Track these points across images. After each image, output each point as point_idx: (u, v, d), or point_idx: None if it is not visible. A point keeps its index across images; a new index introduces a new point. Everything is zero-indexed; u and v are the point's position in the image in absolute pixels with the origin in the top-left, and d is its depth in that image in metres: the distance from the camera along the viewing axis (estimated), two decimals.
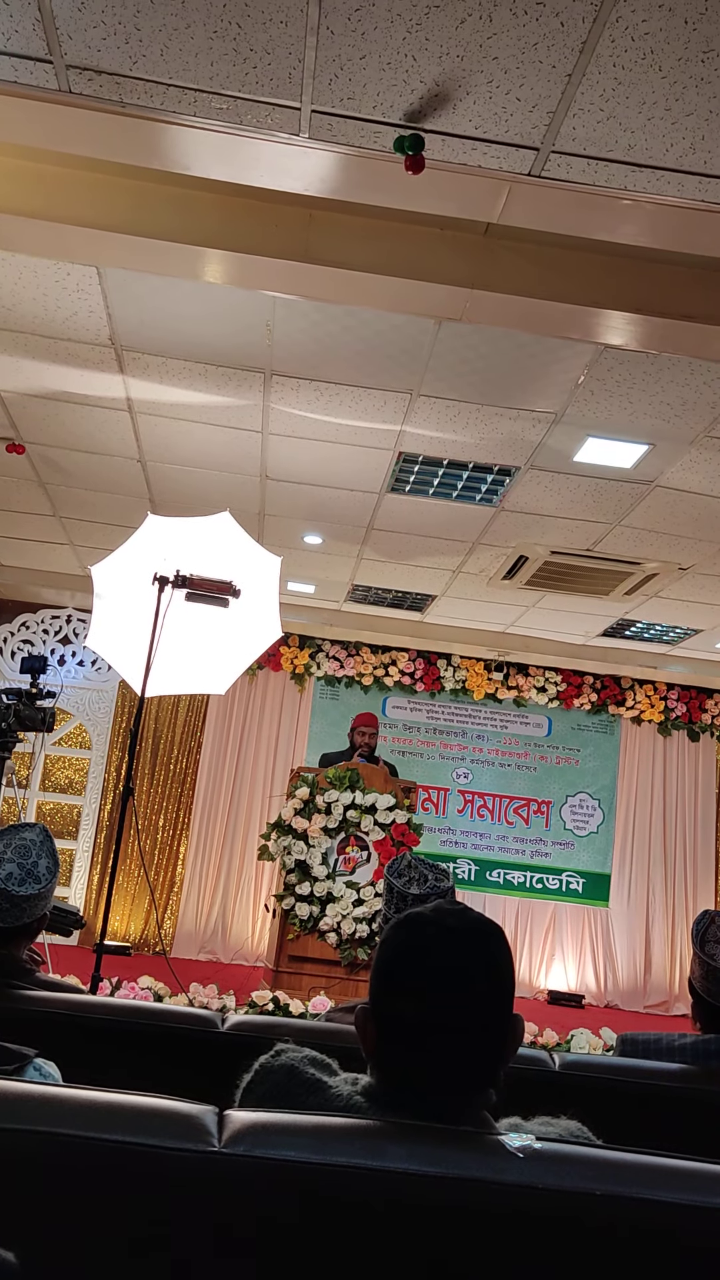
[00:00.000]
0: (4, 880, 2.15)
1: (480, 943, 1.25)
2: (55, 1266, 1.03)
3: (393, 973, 1.25)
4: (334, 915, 5.95)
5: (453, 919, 1.26)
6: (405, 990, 1.23)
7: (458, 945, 1.24)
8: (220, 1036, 2.14)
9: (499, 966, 1.25)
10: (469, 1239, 1.09)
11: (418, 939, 1.25)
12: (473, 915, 1.28)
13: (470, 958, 1.23)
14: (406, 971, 1.24)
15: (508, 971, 1.25)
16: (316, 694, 9.40)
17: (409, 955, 1.25)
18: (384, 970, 1.26)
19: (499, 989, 1.24)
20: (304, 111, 2.72)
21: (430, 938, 1.24)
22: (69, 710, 8.96)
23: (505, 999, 1.25)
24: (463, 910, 1.28)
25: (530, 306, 3.52)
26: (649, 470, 5.18)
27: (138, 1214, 1.06)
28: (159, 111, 2.77)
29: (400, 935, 1.27)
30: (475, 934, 1.25)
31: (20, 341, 4.55)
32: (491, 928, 1.27)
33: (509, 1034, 1.25)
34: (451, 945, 1.23)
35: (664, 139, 2.67)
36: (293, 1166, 1.08)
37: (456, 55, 2.49)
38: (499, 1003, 1.24)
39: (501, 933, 1.28)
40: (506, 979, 1.25)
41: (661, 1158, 1.19)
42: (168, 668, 4.55)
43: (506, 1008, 1.24)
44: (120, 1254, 1.05)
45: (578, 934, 9.21)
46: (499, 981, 1.24)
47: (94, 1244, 1.05)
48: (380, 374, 4.50)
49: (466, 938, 1.24)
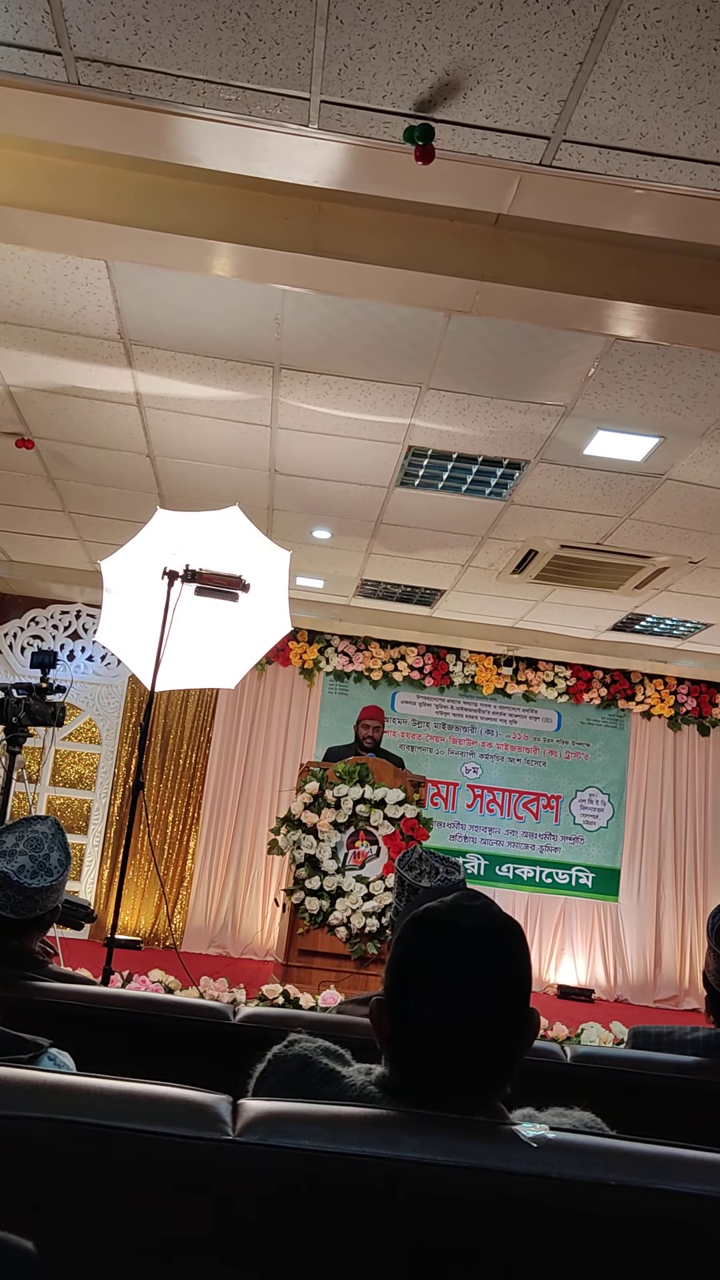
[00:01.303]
0: (16, 872, 2.16)
1: (497, 943, 1.22)
2: (71, 1254, 1.03)
3: (407, 972, 1.23)
4: (344, 909, 5.96)
5: (470, 918, 1.23)
6: (419, 991, 1.21)
7: (474, 947, 1.21)
8: (232, 1028, 2.14)
9: (516, 967, 1.22)
10: (483, 1228, 1.09)
11: (433, 939, 1.22)
12: (491, 913, 1.25)
13: (486, 960, 1.21)
14: (421, 972, 1.21)
15: (525, 971, 1.23)
16: (325, 689, 9.40)
17: (424, 956, 1.22)
18: (398, 969, 1.24)
19: (515, 989, 1.22)
20: (313, 102, 2.71)
21: (446, 938, 1.21)
22: (79, 705, 8.98)
23: (522, 999, 1.22)
24: (481, 907, 1.25)
25: (540, 298, 3.50)
26: (659, 463, 5.16)
27: (152, 1202, 1.06)
28: (168, 103, 2.76)
29: (416, 934, 1.24)
30: (492, 934, 1.22)
31: (29, 336, 4.55)
32: (509, 926, 1.24)
33: (525, 1031, 1.23)
34: (467, 947, 1.21)
35: (676, 127, 2.65)
36: (307, 1155, 1.08)
37: (467, 44, 2.47)
38: (515, 1003, 1.22)
39: (519, 931, 1.25)
40: (524, 979, 1.23)
41: (675, 1148, 1.19)
42: (177, 662, 4.56)
43: (523, 1007, 1.22)
44: (134, 1241, 1.05)
45: (587, 929, 9.20)
46: (515, 982, 1.22)
47: (109, 1231, 1.05)
48: (389, 367, 4.49)
49: (483, 938, 1.21)
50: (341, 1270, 1.07)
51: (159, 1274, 1.05)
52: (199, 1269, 1.05)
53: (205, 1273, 1.05)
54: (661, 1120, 2.02)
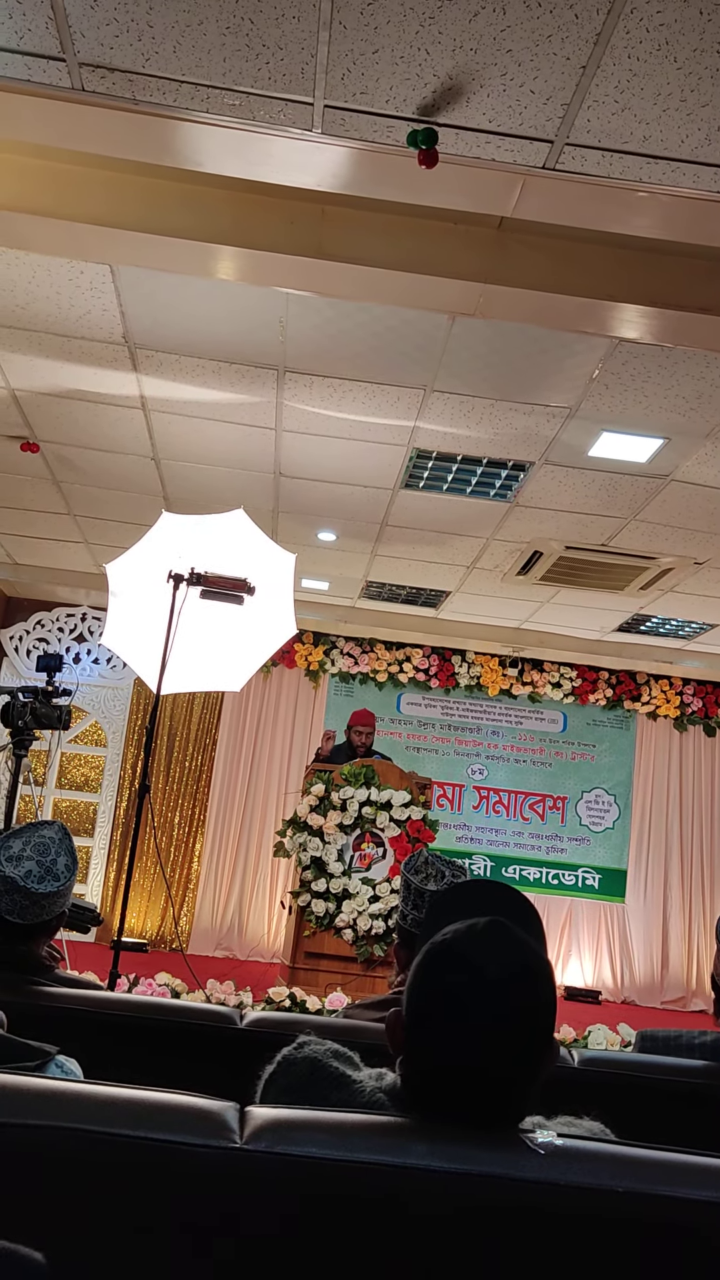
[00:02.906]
0: (24, 878, 2.16)
1: (521, 997, 1.15)
2: (77, 1262, 1.03)
3: (425, 1017, 1.17)
4: (350, 912, 5.96)
5: (494, 967, 1.14)
6: (436, 1039, 1.16)
7: (497, 1003, 1.14)
8: (238, 1033, 2.14)
9: (539, 1020, 1.16)
10: (491, 1236, 1.09)
11: (454, 982, 1.15)
12: (518, 956, 1.16)
13: (509, 1016, 1.14)
14: (438, 1020, 1.16)
15: (549, 1018, 1.17)
16: (331, 691, 9.40)
17: (441, 999, 1.16)
18: (416, 1011, 1.19)
19: (538, 1041, 1.16)
20: (317, 106, 2.71)
21: (467, 984, 1.15)
22: (85, 708, 8.99)
23: (545, 1042, 1.17)
24: (508, 948, 1.16)
25: (544, 301, 3.50)
26: (664, 464, 5.16)
27: (159, 1209, 1.06)
28: (172, 108, 2.77)
29: (434, 970, 1.18)
30: (516, 983, 1.15)
31: (34, 340, 4.56)
32: (536, 968, 1.17)
33: (544, 1064, 1.18)
34: (490, 1003, 1.14)
35: (679, 130, 2.65)
36: (314, 1163, 1.08)
37: (470, 48, 2.47)
38: (537, 1053, 1.17)
39: (547, 971, 1.18)
40: (547, 1028, 1.17)
41: (684, 1154, 1.19)
42: (183, 665, 4.56)
43: (544, 1052, 1.17)
44: (142, 1249, 1.06)
45: (594, 930, 9.18)
46: (538, 1035, 1.16)
47: (116, 1239, 1.06)
48: (394, 370, 4.50)
49: (507, 993, 1.14)
50: (350, 1277, 1.07)
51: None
52: (206, 1276, 1.05)
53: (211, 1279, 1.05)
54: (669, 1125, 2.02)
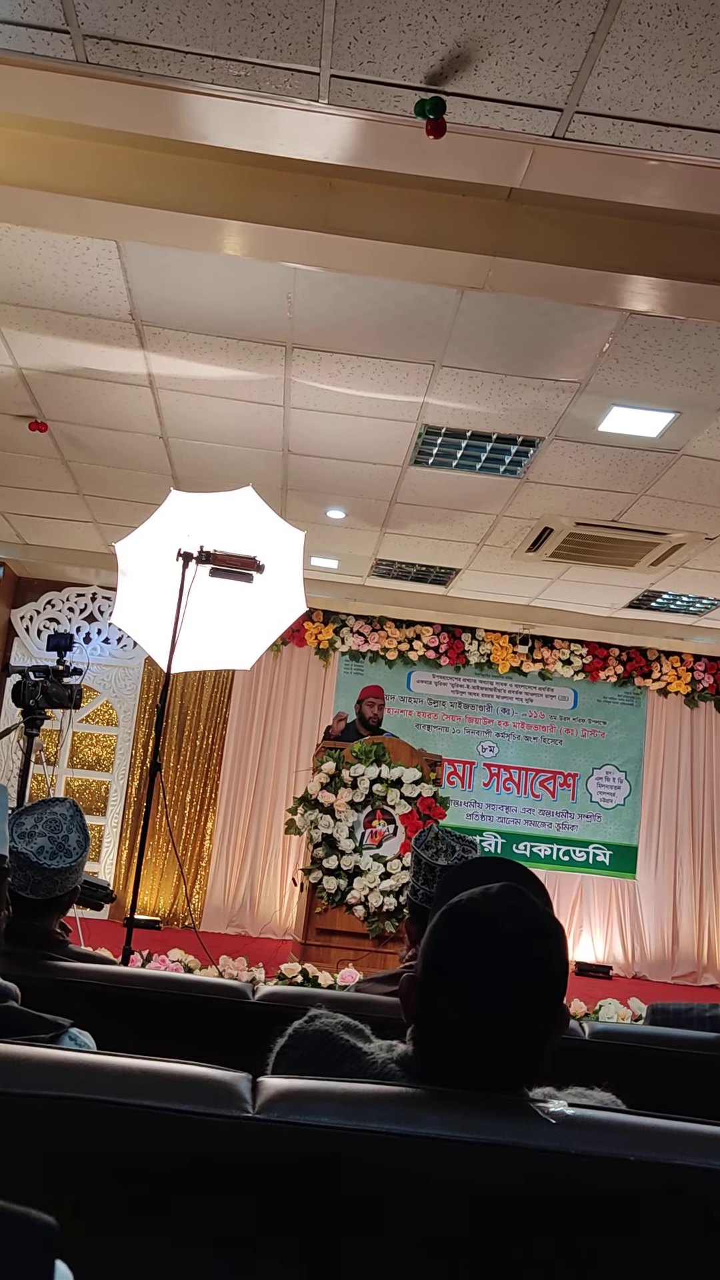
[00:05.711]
0: (35, 854, 2.17)
1: (535, 949, 1.18)
2: (92, 1231, 1.04)
3: (439, 967, 1.20)
4: (361, 889, 5.98)
5: (510, 922, 1.17)
6: (449, 989, 1.18)
7: (511, 953, 1.16)
8: (251, 1006, 2.16)
9: (553, 974, 1.18)
10: (503, 1205, 1.09)
11: (468, 940, 1.18)
12: (531, 915, 1.19)
13: (524, 968, 1.17)
14: (453, 971, 1.18)
15: (561, 974, 1.19)
16: (341, 669, 9.41)
17: (456, 956, 1.19)
18: (431, 965, 1.21)
19: (550, 994, 1.18)
20: (323, 76, 2.68)
21: (482, 941, 1.17)
22: (95, 687, 9.02)
23: (556, 1002, 1.19)
24: (523, 909, 1.19)
25: (554, 273, 3.47)
26: (675, 439, 5.12)
27: (173, 1179, 1.07)
28: (177, 80, 2.74)
29: (450, 929, 1.20)
30: (530, 939, 1.18)
31: (41, 318, 4.54)
32: (548, 928, 1.19)
33: (555, 1028, 1.20)
34: (505, 953, 1.16)
35: (690, 97, 2.61)
36: (326, 1132, 1.09)
37: (478, 15, 2.44)
38: (550, 1007, 1.19)
39: (559, 932, 1.20)
40: (560, 982, 1.19)
41: (694, 1124, 1.19)
42: (193, 644, 4.57)
43: (557, 1008, 1.19)
44: (154, 1218, 1.07)
45: (605, 906, 9.21)
46: (551, 987, 1.18)
47: (130, 1208, 1.07)
48: (402, 345, 4.46)
49: (521, 944, 1.17)
50: (361, 1246, 1.08)
51: (178, 1250, 1.06)
52: (218, 1244, 1.06)
53: (224, 1248, 1.06)
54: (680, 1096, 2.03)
